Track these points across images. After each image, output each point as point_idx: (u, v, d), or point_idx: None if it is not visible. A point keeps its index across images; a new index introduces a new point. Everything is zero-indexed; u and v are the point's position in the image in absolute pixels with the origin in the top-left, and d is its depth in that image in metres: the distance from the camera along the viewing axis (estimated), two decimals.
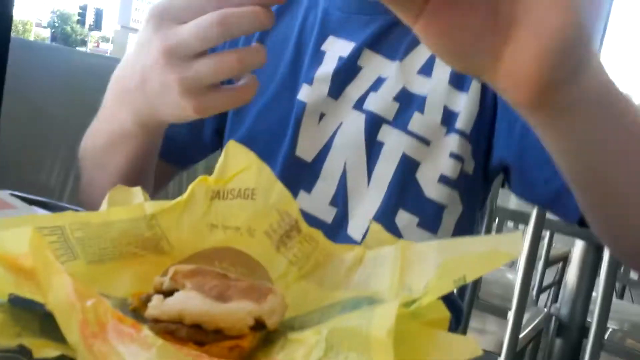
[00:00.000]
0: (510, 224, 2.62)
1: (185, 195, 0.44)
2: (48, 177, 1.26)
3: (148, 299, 0.32)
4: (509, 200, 1.64)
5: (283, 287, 0.41)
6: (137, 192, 0.45)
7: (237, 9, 0.41)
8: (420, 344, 0.25)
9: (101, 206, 0.44)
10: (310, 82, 0.65)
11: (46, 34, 26.52)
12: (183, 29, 0.42)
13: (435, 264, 0.33)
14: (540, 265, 2.09)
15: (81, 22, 25.38)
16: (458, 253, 0.32)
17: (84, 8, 25.23)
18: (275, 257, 0.44)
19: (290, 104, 0.65)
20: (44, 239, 0.31)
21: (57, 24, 27.90)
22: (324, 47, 0.66)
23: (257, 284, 0.34)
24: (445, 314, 0.28)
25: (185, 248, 0.42)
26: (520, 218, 1.70)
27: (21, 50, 1.08)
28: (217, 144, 0.74)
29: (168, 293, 0.32)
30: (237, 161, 0.45)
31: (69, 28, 28.29)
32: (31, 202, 0.56)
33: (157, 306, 0.30)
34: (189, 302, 0.29)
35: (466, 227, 0.64)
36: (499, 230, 2.37)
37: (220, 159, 0.45)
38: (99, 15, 24.82)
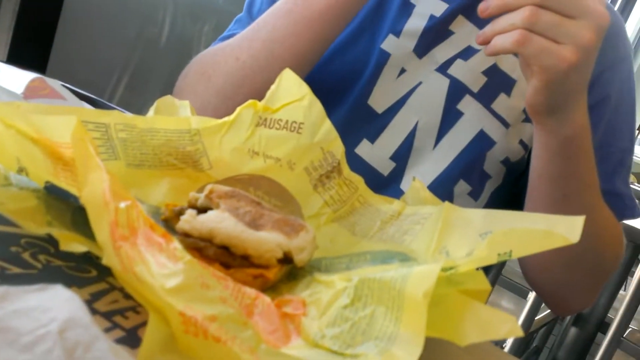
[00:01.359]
0: None
1: (231, 117, 0.43)
2: (100, 79, 1.27)
3: (181, 212, 0.31)
4: None
5: (314, 226, 0.40)
6: (185, 106, 0.45)
7: None
8: (455, 311, 0.24)
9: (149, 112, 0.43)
10: (397, 34, 0.63)
11: None
12: None
13: (479, 232, 0.31)
14: None
15: None
16: (507, 226, 0.30)
17: None
18: (311, 195, 0.43)
19: (369, 48, 0.63)
20: (88, 133, 0.30)
21: None
22: (412, 0, 0.64)
23: (290, 219, 0.33)
24: (486, 286, 0.26)
25: (223, 169, 0.42)
26: None
27: None
28: None
29: (201, 210, 0.31)
30: (289, 91, 0.43)
31: None
32: (81, 97, 0.56)
33: (189, 221, 0.29)
34: (222, 222, 0.29)
35: (499, 198, 0.65)
36: None
37: (273, 86, 0.44)
38: None
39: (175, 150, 0.40)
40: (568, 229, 0.27)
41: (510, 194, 0.67)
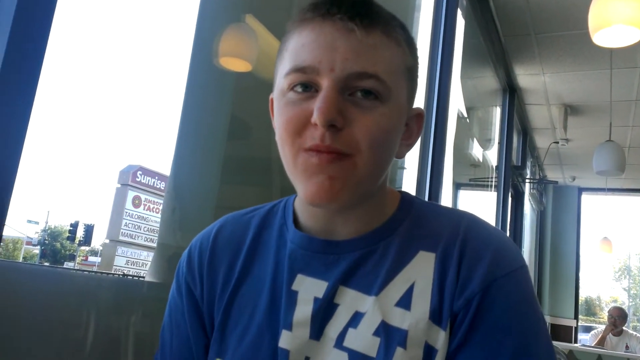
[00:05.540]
0: None
1: None
2: None
3: None
4: None
5: None
6: None
7: None
8: None
9: None
10: (289, 327, 0.64)
11: (36, 250, 27.62)
12: None
13: None
14: None
15: (71, 238, 24.87)
16: None
17: (74, 225, 24.36)
18: None
19: (273, 350, 0.64)
20: None
21: (47, 241, 28.51)
22: (294, 287, 0.65)
23: None
24: None
25: None
26: None
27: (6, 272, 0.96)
28: None
29: None
30: None
31: (58, 244, 29.12)
32: None
33: None
34: None
35: None
36: None
37: None
38: (89, 231, 23.96)
39: None
40: None
41: None
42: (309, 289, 0.65)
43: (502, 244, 0.64)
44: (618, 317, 5.07)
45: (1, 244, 0.79)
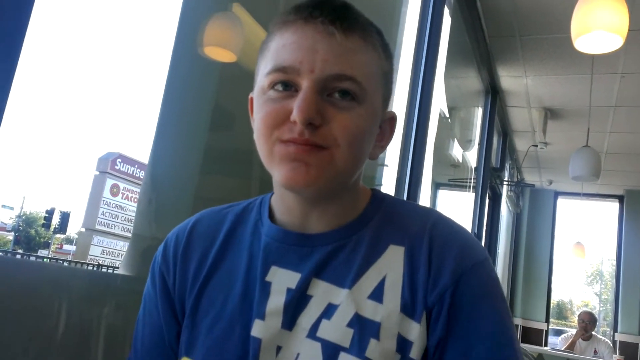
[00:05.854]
0: None
1: None
2: None
3: None
4: None
5: None
6: None
7: None
8: None
9: None
10: (262, 317, 0.65)
11: (10, 237, 27.33)
12: None
13: None
14: None
15: (46, 225, 24.63)
16: None
17: (50, 212, 24.17)
18: None
19: (243, 339, 0.65)
20: None
21: (21, 228, 28.24)
22: (268, 278, 0.67)
23: None
24: None
25: None
26: None
27: None
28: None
29: None
30: None
31: (33, 231, 28.90)
32: None
33: None
34: None
35: None
36: None
37: None
38: (65, 218, 23.76)
39: None
40: None
41: None
42: (282, 280, 0.66)
43: (467, 239, 0.67)
44: (589, 322, 5.15)
45: None
